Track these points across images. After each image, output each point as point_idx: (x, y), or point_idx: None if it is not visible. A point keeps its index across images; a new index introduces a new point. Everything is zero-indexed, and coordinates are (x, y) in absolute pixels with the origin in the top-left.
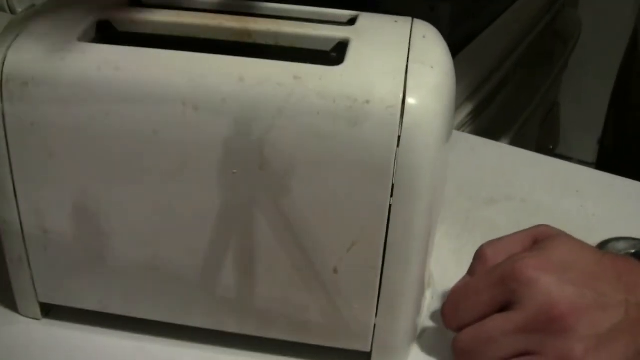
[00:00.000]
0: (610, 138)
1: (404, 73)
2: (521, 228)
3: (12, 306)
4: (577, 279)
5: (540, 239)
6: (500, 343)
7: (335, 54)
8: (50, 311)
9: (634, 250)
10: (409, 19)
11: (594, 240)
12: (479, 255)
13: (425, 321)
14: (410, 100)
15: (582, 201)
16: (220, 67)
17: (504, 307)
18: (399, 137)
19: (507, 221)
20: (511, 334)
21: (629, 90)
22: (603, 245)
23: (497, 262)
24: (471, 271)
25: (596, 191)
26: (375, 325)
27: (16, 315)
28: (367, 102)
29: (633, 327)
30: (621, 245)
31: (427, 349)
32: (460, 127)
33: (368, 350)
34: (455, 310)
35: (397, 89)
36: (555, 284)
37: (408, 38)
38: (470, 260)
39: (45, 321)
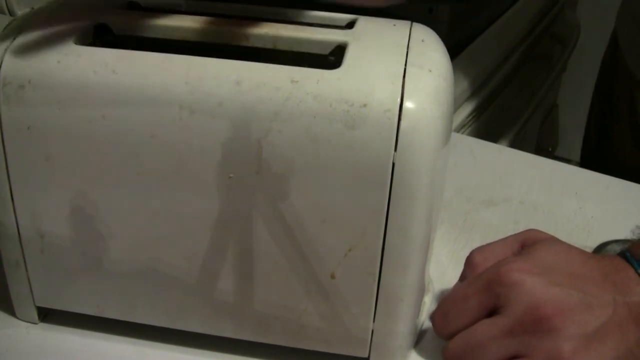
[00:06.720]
0: (593, 137)
1: (402, 77)
2: (520, 230)
3: (10, 310)
4: (563, 280)
5: (527, 243)
6: (489, 348)
7: (333, 58)
8: (47, 315)
9: None
10: (408, 22)
11: (592, 242)
12: (468, 262)
13: (424, 326)
14: (408, 104)
15: (581, 203)
16: (217, 70)
17: (492, 312)
18: (397, 141)
19: (505, 223)
20: (499, 338)
21: (611, 88)
22: (602, 247)
23: (485, 267)
24: (462, 278)
25: (595, 193)
26: (373, 331)
27: (13, 319)
28: (365, 105)
29: (622, 325)
30: (620, 248)
31: (425, 355)
32: (459, 129)
33: (366, 355)
34: (445, 318)
35: (395, 93)
36: (540, 285)
37: (407, 42)
38: None
39: (42, 325)
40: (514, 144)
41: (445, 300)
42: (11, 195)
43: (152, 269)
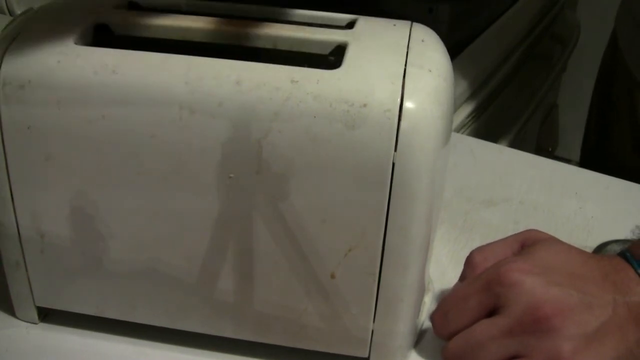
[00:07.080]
0: (593, 137)
1: (402, 77)
2: (520, 230)
3: (9, 310)
4: (563, 280)
5: (527, 243)
6: (489, 348)
7: (333, 58)
8: (47, 315)
9: None
10: (408, 22)
11: (592, 242)
12: (468, 262)
13: (424, 326)
14: (408, 104)
15: (581, 203)
16: (217, 70)
17: (492, 312)
18: (397, 141)
19: (505, 223)
20: (499, 338)
21: (611, 88)
22: (601, 247)
23: (485, 267)
24: (462, 278)
25: (595, 193)
26: (373, 331)
27: (13, 319)
28: (365, 105)
29: (622, 325)
30: (620, 248)
31: (425, 355)
32: (459, 129)
33: (366, 355)
34: (444, 318)
35: (395, 93)
36: (539, 285)
37: (407, 42)
38: None
39: (42, 325)
40: (514, 144)
41: (445, 300)
42: (11, 195)
43: (152, 269)
